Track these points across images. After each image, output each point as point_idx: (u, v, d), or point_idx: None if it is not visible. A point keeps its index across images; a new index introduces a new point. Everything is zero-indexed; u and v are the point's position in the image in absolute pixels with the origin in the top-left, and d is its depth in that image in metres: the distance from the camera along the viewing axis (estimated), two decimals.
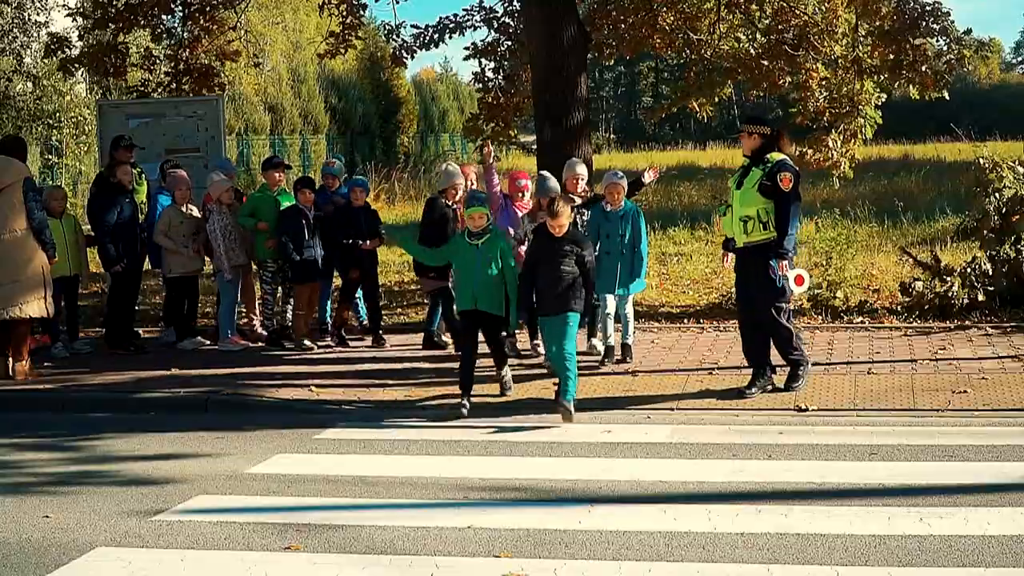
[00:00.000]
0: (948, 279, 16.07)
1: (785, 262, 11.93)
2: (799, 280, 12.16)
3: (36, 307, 13.97)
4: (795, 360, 12.36)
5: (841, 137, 19.18)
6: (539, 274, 11.94)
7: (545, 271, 11.87)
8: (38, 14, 34.55)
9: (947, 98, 18.52)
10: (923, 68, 17.52)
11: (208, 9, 20.86)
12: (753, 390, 12.24)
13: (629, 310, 13.97)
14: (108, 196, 15.61)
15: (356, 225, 15.66)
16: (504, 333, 12.49)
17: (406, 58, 22.10)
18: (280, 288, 15.79)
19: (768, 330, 12.30)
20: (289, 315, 15.79)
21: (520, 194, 14.61)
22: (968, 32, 21.86)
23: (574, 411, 11.42)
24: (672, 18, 20.32)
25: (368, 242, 15.56)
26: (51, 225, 15.03)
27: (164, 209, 15.89)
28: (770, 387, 12.38)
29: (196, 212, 15.93)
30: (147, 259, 16.48)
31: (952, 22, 17.90)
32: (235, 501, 9.34)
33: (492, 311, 12.14)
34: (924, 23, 17.70)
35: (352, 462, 10.34)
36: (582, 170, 14.65)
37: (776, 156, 12.07)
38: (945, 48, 17.96)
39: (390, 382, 13.38)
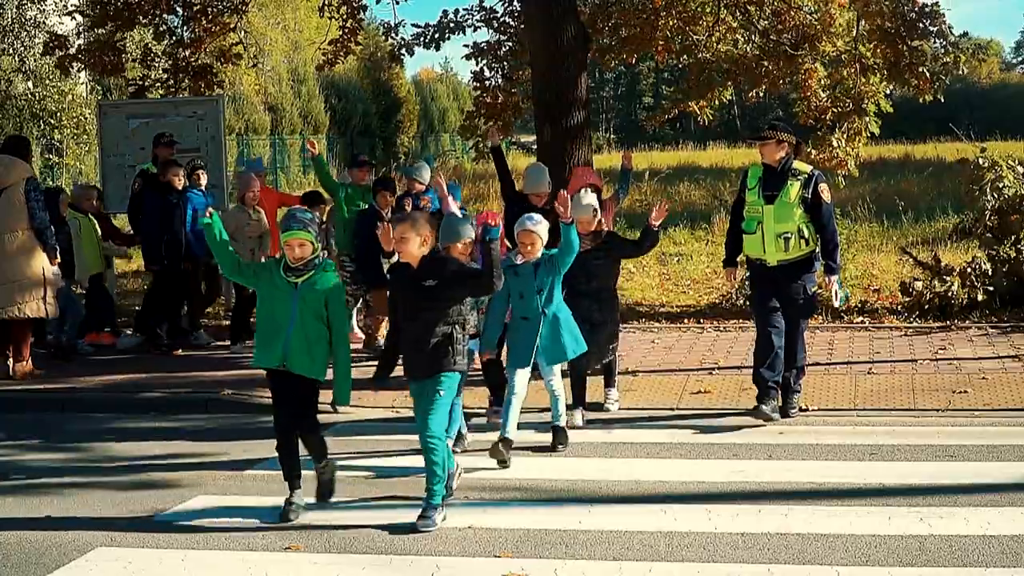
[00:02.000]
0: (948, 279, 16.07)
1: (836, 277, 11.56)
2: (835, 297, 11.82)
3: (34, 307, 13.94)
4: (799, 387, 11.67)
5: (845, 136, 19.17)
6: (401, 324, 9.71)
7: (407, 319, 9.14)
8: (41, 13, 34.52)
9: (942, 100, 18.50)
10: (920, 70, 17.51)
11: (209, 11, 20.86)
12: (768, 407, 11.21)
13: (557, 384, 10.74)
14: (154, 194, 15.54)
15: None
16: (333, 408, 10.42)
17: (404, 56, 22.09)
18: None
19: (792, 346, 11.36)
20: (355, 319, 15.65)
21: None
22: (964, 35, 21.83)
23: (438, 522, 8.53)
24: (672, 22, 20.31)
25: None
26: (82, 223, 14.99)
27: (231, 209, 15.77)
28: (777, 405, 11.40)
29: (264, 216, 15.75)
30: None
31: (949, 26, 17.87)
32: (235, 501, 9.35)
33: (307, 374, 8.89)
34: (921, 25, 17.68)
35: (354, 462, 10.34)
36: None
37: (804, 167, 11.38)
38: (942, 51, 17.91)
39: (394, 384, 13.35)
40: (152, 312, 15.86)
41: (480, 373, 11.65)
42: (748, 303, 16.66)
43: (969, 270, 16.05)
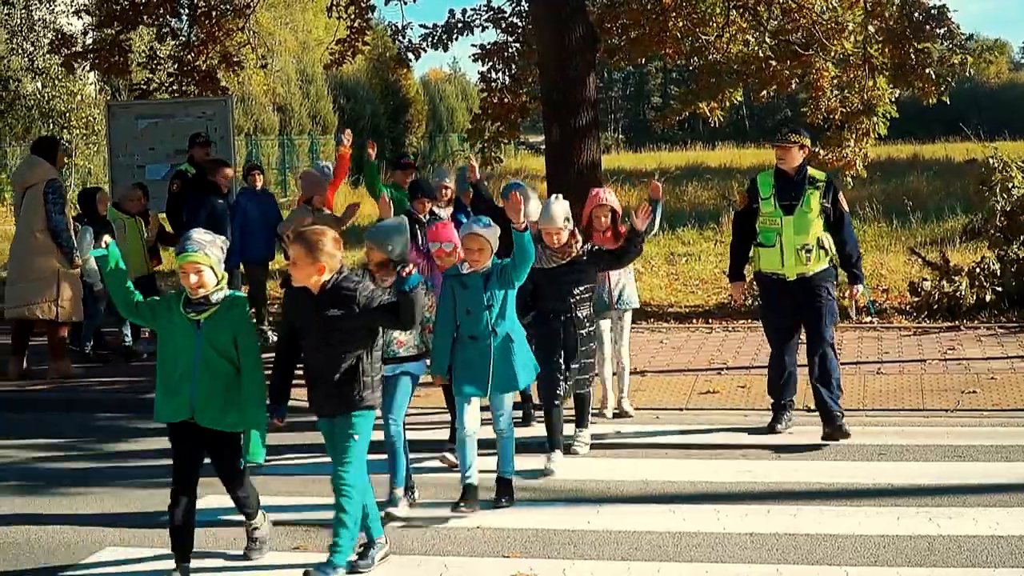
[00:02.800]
0: (956, 279, 16.05)
1: (863, 286, 11.22)
2: (859, 309, 11.49)
3: (45, 309, 13.90)
4: (839, 408, 10.60)
5: (854, 136, 19.14)
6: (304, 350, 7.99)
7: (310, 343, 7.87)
8: (51, 14, 34.59)
9: (947, 103, 18.46)
10: (925, 72, 17.47)
11: (215, 14, 20.87)
12: (782, 425, 10.89)
13: (505, 421, 9.24)
14: (199, 194, 15.50)
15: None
16: (247, 463, 7.92)
17: (411, 60, 22.11)
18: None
19: (823, 365, 10.56)
20: None
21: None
22: (970, 38, 21.72)
23: None
24: (681, 23, 20.29)
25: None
26: (127, 224, 14.96)
27: (295, 210, 15.68)
28: (792, 423, 10.97)
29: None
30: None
31: (957, 26, 17.83)
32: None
33: (218, 427, 7.67)
34: (929, 26, 17.65)
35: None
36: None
37: (820, 174, 10.84)
38: (948, 53, 17.87)
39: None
40: None
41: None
42: (755, 303, 16.71)
43: (978, 270, 16.03)
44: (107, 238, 7.75)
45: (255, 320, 15.40)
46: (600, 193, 11.47)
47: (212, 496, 9.36)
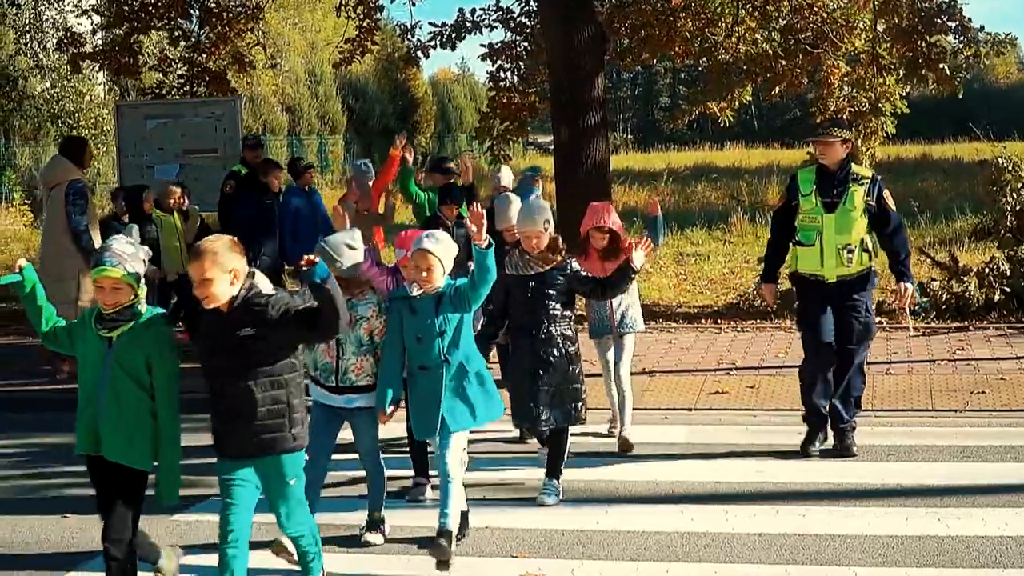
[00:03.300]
0: (965, 279, 16.03)
1: (912, 284, 10.35)
2: (904, 318, 10.63)
3: (62, 310, 13.85)
4: (852, 422, 10.25)
5: (861, 136, 19.14)
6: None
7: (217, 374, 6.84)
8: (60, 14, 34.62)
9: (960, 97, 18.44)
10: (940, 66, 17.44)
11: (226, 15, 20.91)
12: (815, 447, 10.22)
13: (452, 465, 7.86)
14: (250, 195, 15.50)
15: None
16: (163, 504, 7.13)
17: (420, 58, 22.14)
18: None
19: (848, 385, 10.15)
20: None
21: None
22: (981, 29, 21.68)
23: None
24: (691, 23, 20.30)
25: None
26: (164, 221, 14.95)
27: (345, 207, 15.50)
28: (826, 444, 10.31)
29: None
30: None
31: (968, 19, 17.79)
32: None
33: (123, 461, 6.85)
34: (940, 20, 17.63)
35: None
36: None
37: (864, 170, 10.19)
38: (960, 46, 17.84)
39: None
40: None
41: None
42: (764, 303, 16.70)
43: (987, 271, 16.02)
44: (21, 261, 7.18)
45: None
46: (602, 212, 10.46)
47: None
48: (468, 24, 21.45)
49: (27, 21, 34.92)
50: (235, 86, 21.59)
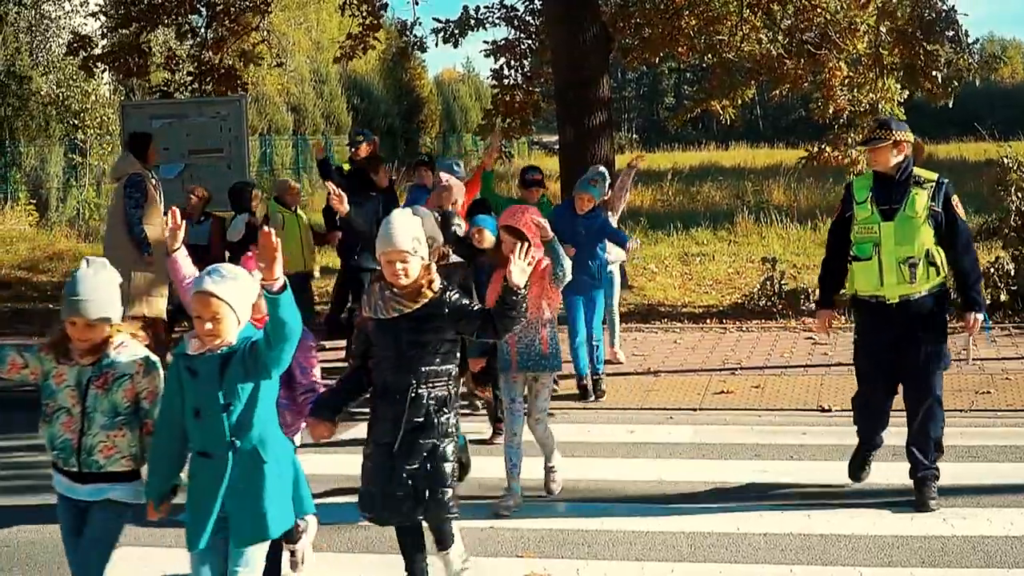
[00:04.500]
0: None
1: (982, 314, 8.88)
2: (967, 353, 8.98)
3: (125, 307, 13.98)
4: (933, 470, 8.83)
5: (860, 136, 19.14)
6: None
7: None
8: (65, 15, 34.64)
9: (950, 105, 18.42)
10: (933, 74, 17.45)
11: (232, 11, 20.95)
12: (865, 472, 9.26)
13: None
14: (359, 193, 15.22)
15: None
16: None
17: (417, 52, 22.28)
18: None
19: (923, 423, 8.83)
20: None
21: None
22: (976, 41, 21.60)
23: None
24: (695, 22, 20.31)
25: None
26: (285, 218, 14.91)
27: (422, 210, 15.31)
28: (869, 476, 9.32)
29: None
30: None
31: (966, 32, 17.82)
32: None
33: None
34: (939, 28, 17.63)
35: None
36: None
37: (927, 173, 8.86)
38: (955, 57, 17.83)
39: None
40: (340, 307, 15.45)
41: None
42: (771, 304, 16.69)
43: (992, 270, 16.00)
44: None
45: None
46: (519, 212, 8.86)
47: None
48: (472, 21, 21.49)
49: (31, 20, 34.94)
50: (245, 80, 21.60)
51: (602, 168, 12.99)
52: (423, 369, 6.67)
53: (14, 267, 24.18)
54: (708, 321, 16.56)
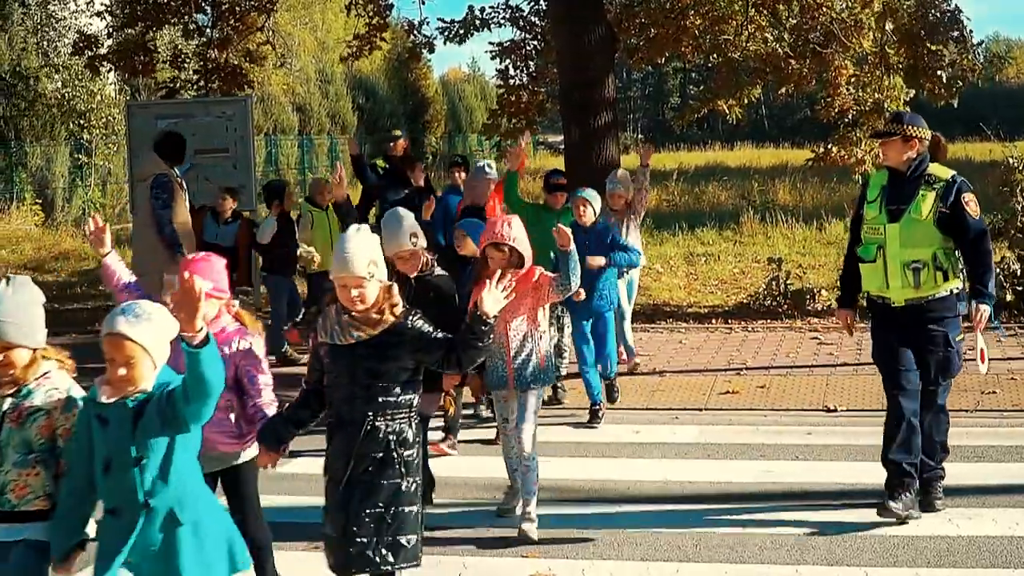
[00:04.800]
0: None
1: (989, 310, 8.37)
2: (982, 356, 8.61)
3: None
4: (939, 470, 8.76)
5: (865, 135, 19.13)
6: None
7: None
8: (71, 15, 34.68)
9: (955, 106, 18.40)
10: (937, 75, 17.43)
11: (238, 10, 20.98)
12: (899, 505, 8.22)
13: None
14: (393, 191, 15.07)
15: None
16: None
17: (424, 53, 22.25)
18: None
19: (930, 421, 8.64)
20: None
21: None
22: (980, 44, 21.56)
23: None
24: (700, 21, 20.30)
25: None
26: (315, 216, 14.91)
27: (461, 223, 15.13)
28: (916, 515, 8.41)
29: None
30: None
31: (970, 31, 17.81)
32: (266, 501, 9.36)
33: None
34: (943, 28, 17.62)
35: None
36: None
37: (943, 171, 8.44)
38: (958, 58, 17.81)
39: None
40: None
41: None
42: (776, 304, 16.68)
43: (997, 271, 15.98)
44: None
45: None
46: (501, 225, 8.20)
47: None
48: (477, 22, 21.49)
49: (37, 20, 34.98)
50: (251, 78, 21.65)
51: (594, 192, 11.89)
52: (381, 399, 6.07)
53: (20, 267, 24.21)
54: (713, 321, 16.56)
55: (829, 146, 18.84)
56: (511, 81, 21.63)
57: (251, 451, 6.80)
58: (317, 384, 6.31)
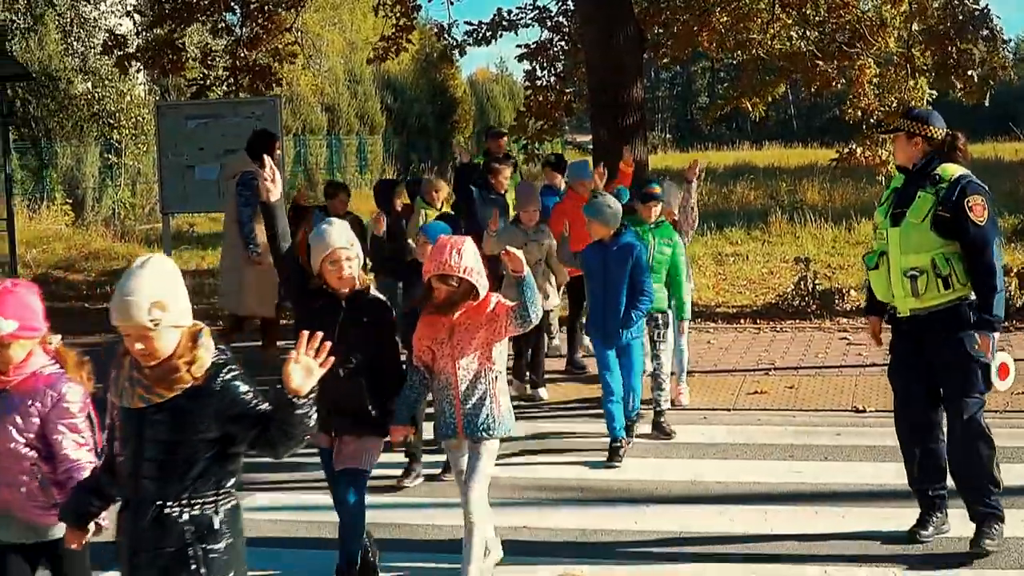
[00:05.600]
0: (1006, 279, 15.94)
1: (993, 336, 7.61)
2: (1003, 371, 7.88)
3: (228, 300, 14.52)
4: (991, 510, 7.83)
5: (888, 136, 19.06)
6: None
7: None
8: (101, 15, 34.79)
9: (986, 104, 18.32)
10: (968, 74, 17.36)
11: (266, 9, 21.03)
12: (928, 531, 7.97)
13: None
14: (481, 192, 14.79)
15: None
16: None
17: (455, 56, 22.29)
18: None
19: (957, 447, 7.88)
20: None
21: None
22: (1009, 41, 21.57)
23: None
24: (726, 18, 20.27)
25: None
26: (428, 216, 14.88)
27: (504, 228, 14.86)
28: (946, 527, 8.08)
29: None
30: None
31: (1000, 29, 17.73)
32: (286, 499, 9.41)
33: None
34: (972, 27, 17.55)
35: (399, 461, 10.29)
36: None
37: (951, 170, 7.71)
38: (988, 56, 17.72)
39: None
40: None
41: None
42: (805, 304, 16.65)
43: None
44: None
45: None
46: (448, 251, 6.96)
47: (260, 494, 9.40)
48: (504, 23, 21.50)
49: (70, 21, 35.11)
50: (280, 76, 21.68)
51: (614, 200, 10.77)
52: (175, 481, 4.80)
53: (51, 266, 24.31)
54: (742, 321, 16.53)
55: (853, 146, 18.77)
56: (538, 82, 21.63)
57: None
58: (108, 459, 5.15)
